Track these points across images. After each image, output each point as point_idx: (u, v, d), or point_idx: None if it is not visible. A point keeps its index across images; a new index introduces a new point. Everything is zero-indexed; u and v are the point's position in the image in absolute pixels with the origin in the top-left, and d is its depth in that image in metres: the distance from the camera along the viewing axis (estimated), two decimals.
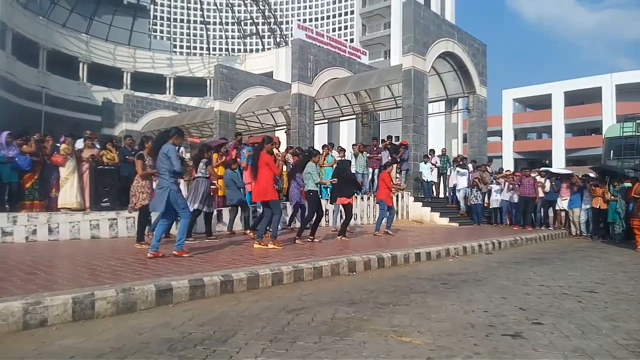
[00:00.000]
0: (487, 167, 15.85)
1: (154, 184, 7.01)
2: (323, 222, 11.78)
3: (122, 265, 5.38)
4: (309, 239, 8.32)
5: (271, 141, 7.54)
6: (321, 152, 13.25)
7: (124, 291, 3.95)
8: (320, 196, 11.15)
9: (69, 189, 9.17)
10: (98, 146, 10.52)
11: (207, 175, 8.38)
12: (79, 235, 8.43)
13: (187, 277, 4.54)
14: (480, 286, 5.33)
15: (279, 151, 12.55)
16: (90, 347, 3.04)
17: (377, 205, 13.48)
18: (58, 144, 9.66)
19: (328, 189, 11.62)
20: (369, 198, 13.54)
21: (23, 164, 8.91)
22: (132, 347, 3.04)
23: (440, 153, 16.50)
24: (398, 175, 14.40)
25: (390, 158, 14.30)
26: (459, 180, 14.82)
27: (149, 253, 5.92)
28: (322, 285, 5.25)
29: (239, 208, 9.49)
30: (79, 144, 10.38)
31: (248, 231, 9.09)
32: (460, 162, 15.13)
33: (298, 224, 9.96)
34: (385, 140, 15.69)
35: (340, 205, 10.06)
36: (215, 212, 9.13)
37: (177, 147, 6.42)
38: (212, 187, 9.01)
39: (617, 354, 3.05)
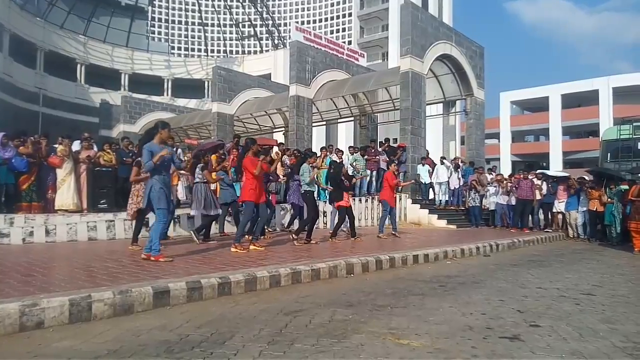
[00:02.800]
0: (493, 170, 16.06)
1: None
2: (321, 224, 11.81)
3: (119, 267, 5.36)
4: (304, 241, 8.32)
5: (254, 143, 7.39)
6: (319, 154, 13.29)
7: (121, 293, 3.94)
8: (318, 198, 11.22)
9: (66, 190, 9.15)
10: (95, 148, 10.50)
11: (205, 180, 8.36)
12: (76, 237, 8.41)
13: (185, 279, 4.52)
14: (478, 288, 5.33)
15: (278, 152, 12.56)
16: (87, 350, 3.03)
17: (377, 207, 13.65)
18: (55, 145, 9.64)
19: (326, 191, 11.63)
20: (366, 200, 13.55)
21: (19, 165, 8.89)
22: (129, 349, 3.03)
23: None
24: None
25: (387, 160, 14.32)
26: (439, 173, 14.94)
27: (143, 254, 5.89)
28: (319, 288, 5.25)
29: (229, 209, 9.44)
30: (76, 145, 10.36)
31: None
32: (444, 159, 15.54)
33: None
34: (383, 142, 15.71)
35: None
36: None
37: (165, 143, 5.98)
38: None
39: (614, 357, 3.06)
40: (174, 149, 10.38)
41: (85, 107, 33.44)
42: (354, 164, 13.55)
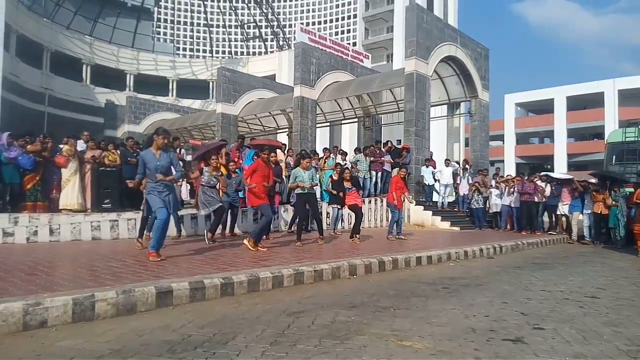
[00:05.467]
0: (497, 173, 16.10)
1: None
2: (325, 225, 11.80)
3: (123, 266, 5.38)
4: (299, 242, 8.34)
5: (263, 149, 7.64)
6: (321, 155, 13.32)
7: (124, 293, 3.95)
8: (320, 199, 11.26)
9: (71, 190, 9.18)
10: (82, 145, 10.51)
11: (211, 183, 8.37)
12: (80, 237, 8.45)
13: (188, 279, 4.53)
14: (482, 290, 5.31)
15: (283, 154, 12.63)
16: (90, 349, 3.04)
17: (381, 208, 13.66)
18: (61, 145, 9.68)
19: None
20: (370, 201, 13.53)
21: (25, 163, 8.92)
22: (132, 349, 3.03)
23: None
24: None
25: (391, 162, 14.32)
26: (444, 175, 14.92)
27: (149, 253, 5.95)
28: (322, 289, 5.24)
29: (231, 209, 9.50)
30: (81, 145, 10.39)
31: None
32: (449, 161, 15.67)
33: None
34: (387, 144, 15.67)
35: (340, 209, 10.36)
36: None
37: (160, 149, 6.07)
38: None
39: None
40: (179, 150, 10.46)
41: (90, 107, 33.56)
42: (357, 165, 13.56)
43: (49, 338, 3.26)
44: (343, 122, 23.30)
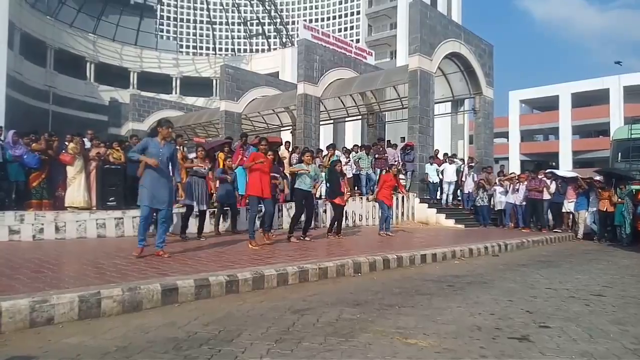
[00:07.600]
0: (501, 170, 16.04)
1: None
2: (327, 222, 11.80)
3: (128, 264, 5.40)
4: (300, 238, 8.35)
5: (261, 141, 7.63)
6: (325, 153, 13.32)
7: (129, 290, 3.97)
8: (325, 197, 11.21)
9: (76, 188, 9.22)
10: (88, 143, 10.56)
11: (203, 175, 8.39)
12: (85, 234, 8.47)
13: (193, 277, 4.55)
14: (487, 288, 5.30)
15: (288, 151, 12.64)
16: (96, 346, 3.05)
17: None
18: (66, 143, 9.72)
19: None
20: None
21: (31, 161, 8.96)
22: (138, 346, 3.04)
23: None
24: (404, 177, 14.33)
25: (395, 157, 14.28)
26: (447, 172, 14.88)
27: (161, 251, 5.99)
28: (327, 286, 5.25)
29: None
30: (86, 143, 10.43)
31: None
32: (450, 156, 15.62)
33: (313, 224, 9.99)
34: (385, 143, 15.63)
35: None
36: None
37: (165, 140, 6.05)
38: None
39: (624, 358, 3.03)
40: (182, 148, 10.46)
41: (94, 105, 33.66)
42: (359, 162, 13.56)
43: (56, 335, 3.27)
44: (347, 119, 23.25)
